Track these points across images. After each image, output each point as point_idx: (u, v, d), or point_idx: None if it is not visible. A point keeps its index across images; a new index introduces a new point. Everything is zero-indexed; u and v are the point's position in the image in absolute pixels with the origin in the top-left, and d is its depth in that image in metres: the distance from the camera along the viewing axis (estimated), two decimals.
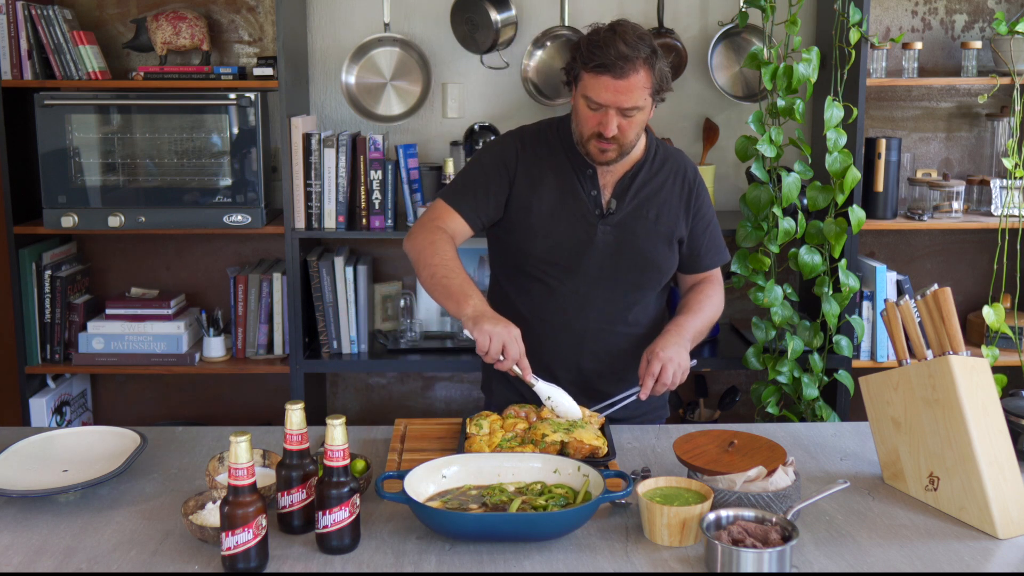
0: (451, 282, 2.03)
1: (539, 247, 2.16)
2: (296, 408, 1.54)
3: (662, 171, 2.21)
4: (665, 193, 2.19)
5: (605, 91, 2.01)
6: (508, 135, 2.26)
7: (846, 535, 1.60)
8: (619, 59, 1.97)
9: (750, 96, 3.29)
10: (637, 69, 1.99)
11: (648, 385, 2.01)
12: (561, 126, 2.21)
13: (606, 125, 2.03)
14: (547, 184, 2.16)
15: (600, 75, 2.00)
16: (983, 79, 3.07)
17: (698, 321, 2.17)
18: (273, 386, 3.45)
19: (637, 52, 1.99)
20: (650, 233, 2.17)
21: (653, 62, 2.02)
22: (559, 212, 2.15)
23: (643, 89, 2.02)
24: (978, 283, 3.46)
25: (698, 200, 2.23)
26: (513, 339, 1.92)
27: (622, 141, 2.07)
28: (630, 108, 2.02)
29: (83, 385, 3.40)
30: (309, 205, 3.06)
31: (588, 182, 2.16)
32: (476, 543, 1.55)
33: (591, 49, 2.00)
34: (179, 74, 3.07)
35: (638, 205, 2.17)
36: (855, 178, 2.89)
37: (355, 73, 3.25)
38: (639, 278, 2.20)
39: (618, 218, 2.16)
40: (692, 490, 1.62)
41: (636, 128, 2.08)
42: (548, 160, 2.18)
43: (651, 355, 2.03)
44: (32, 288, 3.11)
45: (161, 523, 1.64)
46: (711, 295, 2.26)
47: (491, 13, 3.16)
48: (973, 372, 1.67)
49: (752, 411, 3.22)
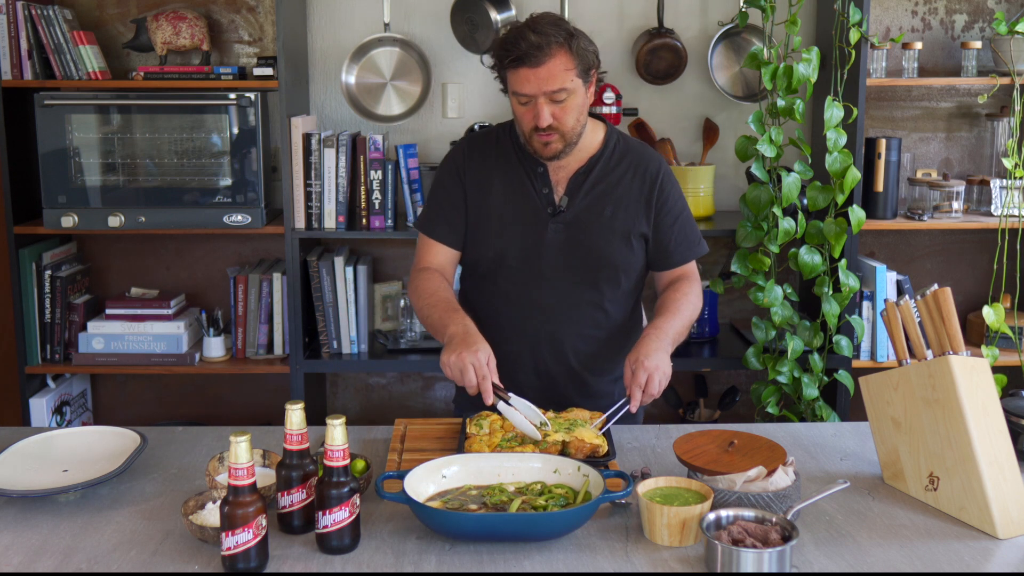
0: (433, 318, 2.05)
1: (491, 249, 2.14)
2: (296, 408, 1.54)
3: (620, 166, 2.16)
4: (623, 189, 2.14)
5: (527, 83, 1.99)
6: (458, 144, 2.25)
7: (846, 535, 1.60)
8: (532, 48, 1.96)
9: (750, 96, 3.29)
10: (553, 54, 1.97)
11: (637, 397, 1.93)
12: (512, 127, 2.19)
13: (539, 115, 2.00)
14: (496, 186, 2.14)
15: (519, 68, 1.98)
16: (983, 79, 3.07)
17: (677, 322, 2.10)
18: (273, 386, 3.45)
19: (550, 38, 1.97)
20: (604, 230, 2.12)
21: (570, 43, 1.99)
22: (509, 213, 2.13)
23: (565, 71, 1.99)
24: (978, 283, 3.46)
25: (662, 195, 2.16)
26: (469, 365, 1.87)
27: (562, 129, 2.03)
28: (556, 92, 1.99)
29: (83, 385, 3.40)
30: (309, 205, 3.06)
31: (539, 180, 2.13)
32: (476, 543, 1.55)
33: (505, 47, 2.00)
34: (179, 74, 3.07)
35: (592, 202, 2.13)
36: (855, 178, 2.89)
37: (355, 73, 3.25)
38: (595, 277, 2.14)
39: (570, 216, 2.12)
40: (692, 490, 1.62)
41: (573, 113, 2.03)
42: (496, 162, 2.16)
43: (635, 364, 1.95)
44: (32, 288, 3.11)
45: (161, 523, 1.64)
46: (688, 293, 2.18)
47: (491, 13, 3.16)
48: (973, 372, 1.67)
49: (752, 411, 3.22)
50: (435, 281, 2.13)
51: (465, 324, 1.98)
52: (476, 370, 1.87)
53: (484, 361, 1.89)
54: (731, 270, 3.02)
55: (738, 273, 3.00)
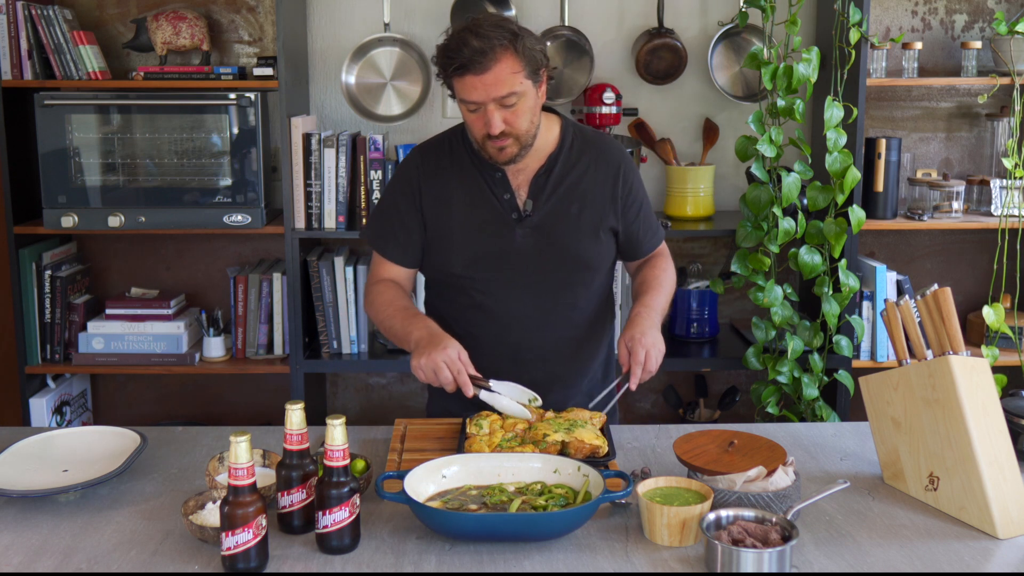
0: (395, 326, 2.02)
1: (458, 262, 2.08)
2: (296, 408, 1.54)
3: (581, 160, 2.09)
4: (587, 183, 2.08)
5: (474, 90, 1.92)
6: (411, 154, 2.16)
7: (846, 535, 1.60)
8: (476, 54, 1.88)
9: (750, 96, 3.29)
10: (497, 58, 1.89)
11: (637, 374, 1.93)
12: (464, 132, 2.11)
13: (490, 122, 1.93)
14: (455, 196, 2.07)
15: (463, 76, 1.91)
16: (983, 79, 3.07)
17: (662, 298, 2.09)
18: (273, 386, 3.45)
19: (493, 41, 1.89)
20: (574, 229, 2.07)
21: (515, 44, 1.91)
22: (473, 222, 2.06)
23: (513, 75, 1.91)
24: (978, 283, 3.46)
25: (627, 185, 2.11)
26: (441, 364, 1.86)
27: (516, 133, 1.97)
28: (506, 97, 1.92)
29: (83, 385, 3.40)
30: (309, 205, 3.06)
31: (499, 186, 2.06)
32: (476, 543, 1.55)
33: (447, 54, 1.93)
34: (179, 74, 3.07)
35: (557, 202, 2.06)
36: (855, 178, 2.89)
37: (355, 73, 3.25)
38: (569, 278, 2.10)
39: (536, 219, 2.06)
40: (692, 490, 1.62)
41: (525, 116, 1.96)
42: (452, 171, 2.09)
43: (632, 342, 1.94)
44: (32, 288, 3.11)
45: (161, 523, 1.64)
46: (665, 268, 2.18)
47: (491, 13, 3.16)
48: (973, 372, 1.67)
49: (752, 411, 3.22)
50: (390, 291, 2.09)
51: (428, 326, 1.95)
52: (449, 366, 1.86)
53: (455, 356, 1.87)
54: (731, 270, 3.02)
55: (738, 273, 3.00)
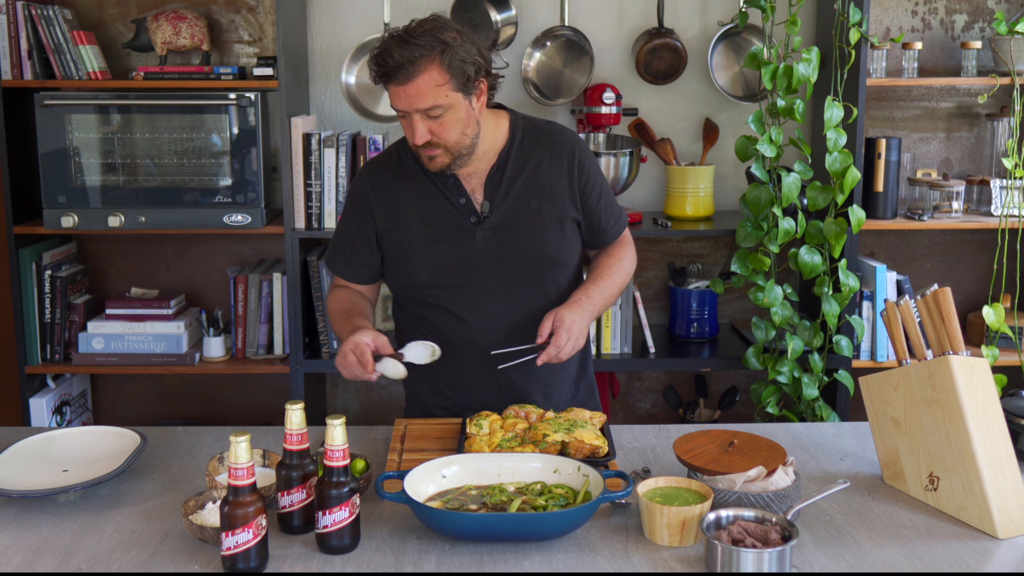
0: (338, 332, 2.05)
1: (422, 273, 2.04)
2: (296, 408, 1.54)
3: (534, 153, 2.04)
4: (543, 176, 2.04)
5: (397, 99, 1.89)
6: (360, 171, 2.13)
7: (846, 535, 1.60)
8: (397, 66, 1.84)
9: (750, 96, 3.29)
10: (420, 70, 1.84)
11: (551, 354, 1.90)
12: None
13: (414, 131, 1.90)
14: (410, 207, 2.04)
15: (388, 84, 1.88)
16: (983, 79, 3.07)
17: (607, 289, 2.06)
18: (273, 386, 3.45)
19: (416, 52, 1.83)
20: (536, 225, 2.02)
21: (444, 55, 1.85)
22: (431, 232, 2.02)
23: (437, 87, 1.86)
24: (978, 283, 3.46)
25: (583, 172, 2.06)
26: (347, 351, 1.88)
27: (445, 144, 1.92)
28: (430, 109, 1.87)
29: (83, 385, 3.40)
30: (309, 205, 3.06)
31: (453, 191, 2.02)
32: (476, 543, 1.56)
33: (375, 60, 1.89)
34: (179, 74, 3.07)
35: (515, 198, 2.02)
36: (855, 178, 2.89)
37: (355, 73, 3.25)
38: (537, 276, 2.05)
39: (496, 219, 2.02)
40: (692, 490, 1.62)
41: (454, 128, 1.91)
42: (403, 182, 2.05)
43: (559, 323, 1.92)
44: (32, 288, 3.11)
45: (161, 523, 1.64)
46: (623, 259, 2.14)
47: (491, 13, 3.16)
48: (973, 372, 1.67)
49: (752, 411, 3.22)
50: (339, 296, 2.12)
51: (354, 324, 1.97)
52: (354, 350, 1.87)
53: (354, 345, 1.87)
54: (731, 270, 3.02)
55: (738, 273, 3.00)
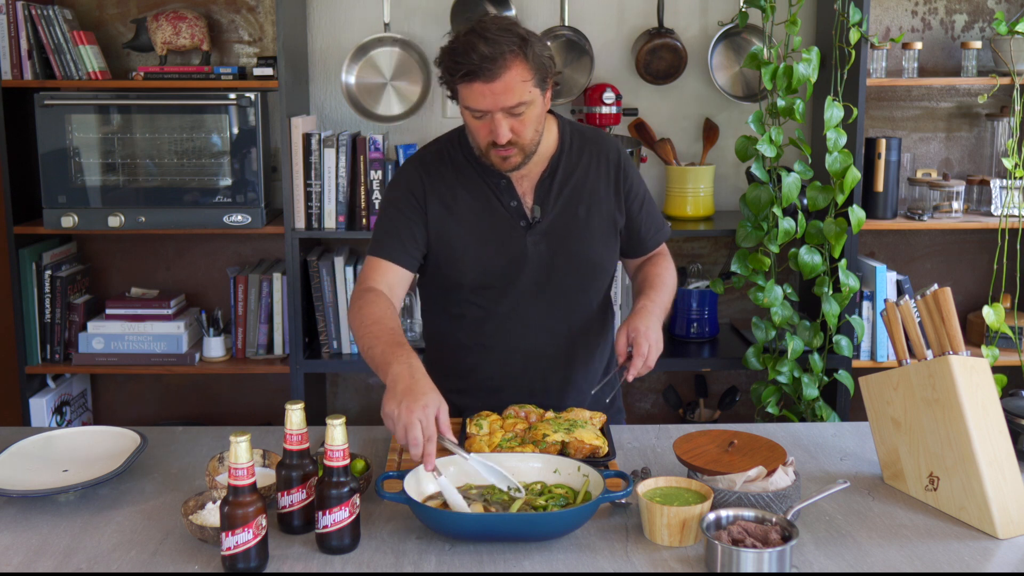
0: (375, 352, 1.78)
1: (469, 275, 2.01)
2: (296, 408, 1.54)
3: (582, 159, 2.05)
4: (591, 183, 2.04)
5: (482, 97, 1.84)
6: (407, 163, 2.07)
7: (846, 535, 1.60)
8: (484, 61, 1.80)
9: (750, 96, 3.29)
10: (507, 65, 1.82)
11: (637, 366, 1.87)
12: (462, 138, 2.05)
13: (496, 132, 1.86)
14: (462, 206, 2.01)
15: (471, 83, 1.83)
16: (983, 79, 3.07)
17: (666, 296, 2.05)
18: (273, 386, 3.45)
19: (502, 47, 1.81)
20: (583, 232, 2.02)
21: (525, 50, 1.83)
22: (482, 233, 2.00)
23: (522, 83, 1.84)
24: (978, 283, 3.46)
25: (627, 180, 2.07)
26: (416, 422, 1.59)
27: (521, 143, 1.91)
28: (515, 107, 1.85)
29: (83, 385, 3.40)
30: (309, 205, 3.06)
31: (505, 193, 2.00)
32: (476, 543, 1.55)
33: (454, 59, 1.84)
34: (179, 74, 3.07)
35: (564, 205, 2.02)
36: (855, 178, 2.89)
37: (355, 73, 3.25)
38: (582, 282, 2.06)
39: (546, 225, 2.00)
40: (692, 490, 1.62)
41: (532, 125, 1.90)
42: (457, 180, 2.02)
43: (636, 334, 1.89)
44: (32, 288, 3.11)
45: (161, 523, 1.64)
46: (668, 267, 2.14)
47: (491, 13, 3.16)
48: (973, 372, 1.67)
49: (752, 411, 3.22)
50: (381, 306, 1.90)
51: (411, 365, 1.70)
52: (423, 428, 1.60)
53: (432, 417, 1.62)
54: (731, 270, 3.02)
55: (738, 273, 3.00)
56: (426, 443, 1.59)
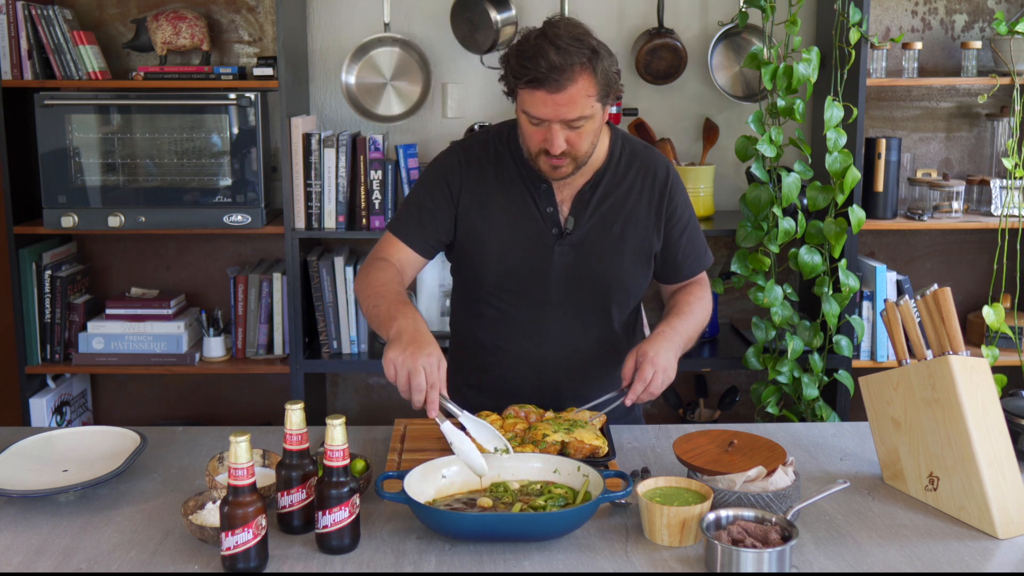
0: (380, 309, 1.82)
1: (491, 273, 2.00)
2: (296, 408, 1.54)
3: (628, 176, 2.00)
4: (632, 202, 1.99)
5: (544, 106, 1.80)
6: (452, 148, 2.05)
7: (846, 535, 1.60)
8: (553, 71, 1.76)
9: (750, 96, 3.29)
10: (575, 77, 1.77)
11: (637, 391, 1.85)
12: (512, 134, 1.99)
13: (551, 141, 1.83)
14: (496, 203, 1.97)
15: (535, 90, 1.79)
16: (983, 79, 3.07)
17: (691, 325, 2.00)
18: (273, 386, 3.45)
19: (572, 58, 1.76)
20: (614, 251, 1.99)
21: (595, 64, 1.79)
22: (511, 234, 1.97)
23: (586, 97, 1.80)
24: (978, 283, 3.46)
25: (672, 203, 2.02)
26: (420, 368, 1.64)
27: (575, 154, 1.87)
28: (575, 120, 1.81)
29: (83, 385, 3.40)
30: (309, 205, 3.06)
31: (543, 198, 1.96)
32: (476, 543, 1.55)
33: (521, 62, 1.79)
34: (179, 74, 3.07)
35: (600, 220, 1.98)
36: (855, 178, 2.89)
37: (355, 73, 3.25)
38: (603, 300, 2.03)
39: (577, 237, 1.97)
40: (692, 490, 1.62)
41: (588, 138, 1.87)
42: (496, 175, 1.98)
43: (643, 357, 1.86)
44: (32, 288, 3.11)
45: (161, 523, 1.64)
46: (701, 297, 2.08)
47: (491, 13, 3.16)
48: (973, 372, 1.67)
49: (752, 411, 3.22)
50: (389, 272, 1.93)
51: (416, 320, 1.76)
52: (427, 374, 1.64)
53: (435, 366, 1.66)
54: (731, 270, 3.02)
55: (738, 273, 3.00)
56: (429, 390, 1.64)
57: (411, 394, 1.66)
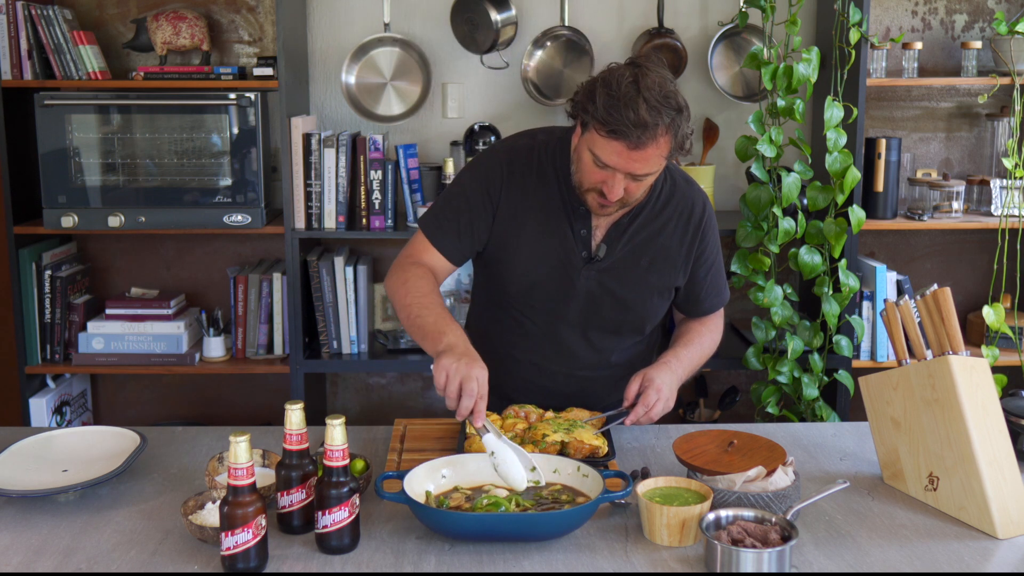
0: (425, 320, 1.84)
1: (515, 287, 2.01)
2: (296, 408, 1.54)
3: (665, 211, 1.98)
4: (664, 238, 1.99)
5: (617, 157, 1.77)
6: (496, 153, 2.02)
7: (846, 535, 1.60)
8: (638, 127, 1.72)
9: (750, 96, 3.29)
10: (657, 138, 1.75)
11: (639, 413, 1.88)
12: (559, 149, 1.96)
13: (611, 188, 1.81)
14: (532, 218, 1.96)
15: (613, 140, 1.75)
16: (983, 79, 3.07)
17: (696, 354, 2.04)
18: (273, 386, 3.45)
19: (659, 119, 1.73)
20: (638, 283, 1.99)
21: (677, 126, 1.77)
22: (541, 250, 1.96)
23: (660, 157, 1.79)
24: (978, 283, 3.46)
25: (703, 243, 2.02)
26: (473, 378, 1.68)
27: (627, 200, 1.87)
28: (642, 175, 1.81)
29: (83, 385, 3.40)
30: (309, 205, 3.06)
31: (580, 221, 1.95)
32: (476, 543, 1.55)
33: (608, 109, 1.74)
34: (179, 74, 3.07)
35: (631, 252, 1.97)
36: (855, 178, 2.89)
37: (355, 73, 3.25)
38: (619, 326, 2.04)
39: (605, 264, 1.97)
40: (692, 490, 1.62)
41: (644, 188, 1.86)
42: (537, 190, 1.96)
43: (648, 383, 1.89)
44: (32, 288, 3.11)
45: (161, 523, 1.64)
46: (713, 329, 2.11)
47: (491, 13, 3.16)
48: (973, 372, 1.67)
49: (752, 411, 3.22)
50: (430, 281, 1.94)
51: (464, 337, 1.80)
52: (478, 386, 1.69)
53: (484, 381, 1.71)
54: (731, 270, 3.02)
55: (738, 273, 3.00)
56: (478, 400, 1.69)
57: (461, 400, 1.69)
